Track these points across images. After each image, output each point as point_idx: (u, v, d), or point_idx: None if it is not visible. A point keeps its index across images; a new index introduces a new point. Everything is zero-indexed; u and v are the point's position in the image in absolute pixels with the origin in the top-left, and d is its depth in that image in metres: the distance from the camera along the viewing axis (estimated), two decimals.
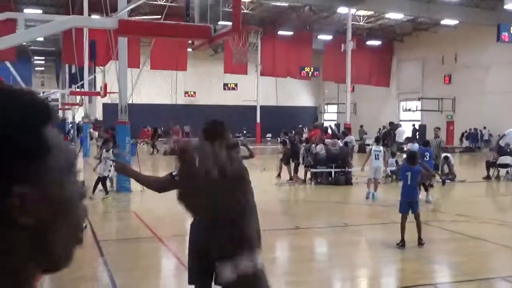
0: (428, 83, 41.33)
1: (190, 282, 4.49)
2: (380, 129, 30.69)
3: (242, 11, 26.71)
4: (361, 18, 37.54)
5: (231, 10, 7.48)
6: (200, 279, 4.34)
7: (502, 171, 18.65)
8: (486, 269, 7.53)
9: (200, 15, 9.29)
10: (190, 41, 18.71)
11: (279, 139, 19.32)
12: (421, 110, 40.75)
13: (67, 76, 41.03)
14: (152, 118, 38.48)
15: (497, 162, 18.64)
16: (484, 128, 34.33)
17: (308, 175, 16.82)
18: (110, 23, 7.37)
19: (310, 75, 39.94)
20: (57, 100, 46.79)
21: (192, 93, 47.57)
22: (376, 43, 42.50)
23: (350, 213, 12.37)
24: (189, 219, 4.72)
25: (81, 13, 24.73)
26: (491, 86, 35.36)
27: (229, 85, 43.69)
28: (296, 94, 51.81)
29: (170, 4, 30.55)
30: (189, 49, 36.66)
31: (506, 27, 22.08)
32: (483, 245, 8.77)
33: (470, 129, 36.24)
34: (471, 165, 26.21)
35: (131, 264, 7.76)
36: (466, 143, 36.65)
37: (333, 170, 16.73)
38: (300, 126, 35.36)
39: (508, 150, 18.94)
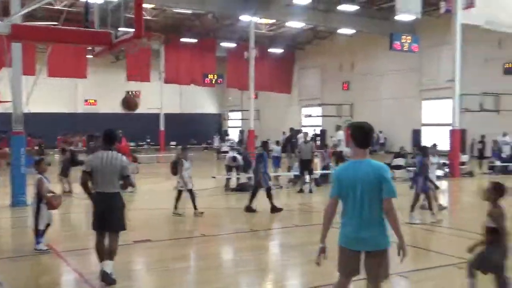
0: (328, 89, 42.85)
1: (93, 228, 6.81)
2: (283, 133, 31.32)
3: (145, 17, 26.28)
4: (264, 26, 38.25)
5: (133, 16, 7.31)
6: (100, 228, 6.79)
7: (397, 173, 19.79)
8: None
9: (101, 21, 9.01)
10: (90, 48, 18.11)
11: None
12: (321, 115, 42.15)
13: None
14: (51, 127, 36.83)
15: (391, 164, 19.70)
16: (380, 132, 36.13)
17: None
18: (2, 28, 6.95)
19: (214, 82, 40.05)
20: None
21: (92, 101, 46.03)
22: (278, 51, 43.47)
23: (255, 219, 12.40)
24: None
25: None
26: (385, 93, 37.38)
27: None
28: (200, 101, 51.75)
29: (69, 9, 29.46)
30: (90, 56, 35.48)
31: (397, 36, 23.42)
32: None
33: None
34: None
35: (27, 282, 7.34)
36: None
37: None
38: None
39: (402, 152, 20.09)
